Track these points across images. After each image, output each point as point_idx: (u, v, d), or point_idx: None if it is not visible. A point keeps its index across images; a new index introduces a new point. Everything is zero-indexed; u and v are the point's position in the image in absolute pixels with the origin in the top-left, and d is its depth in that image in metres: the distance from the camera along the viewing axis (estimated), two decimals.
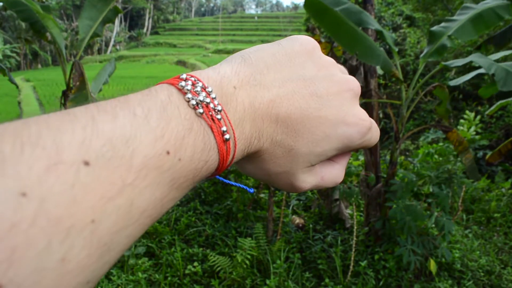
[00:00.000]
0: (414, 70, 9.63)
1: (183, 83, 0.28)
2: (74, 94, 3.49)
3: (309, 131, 0.32)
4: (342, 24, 2.83)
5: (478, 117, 5.88)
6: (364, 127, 0.35)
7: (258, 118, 0.31)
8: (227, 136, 0.28)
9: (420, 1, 10.24)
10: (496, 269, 3.35)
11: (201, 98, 0.28)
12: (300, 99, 0.32)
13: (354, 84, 0.35)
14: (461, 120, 6.02)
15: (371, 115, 3.47)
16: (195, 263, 3.22)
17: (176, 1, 75.00)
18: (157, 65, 34.15)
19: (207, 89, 0.29)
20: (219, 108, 0.28)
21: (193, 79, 0.29)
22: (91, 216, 0.20)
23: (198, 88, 0.28)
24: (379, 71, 3.52)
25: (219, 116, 0.28)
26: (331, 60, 0.36)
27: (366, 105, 3.46)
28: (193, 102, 0.27)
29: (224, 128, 0.28)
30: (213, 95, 0.29)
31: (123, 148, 0.23)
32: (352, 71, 3.82)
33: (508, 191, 4.81)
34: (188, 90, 0.28)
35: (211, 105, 0.28)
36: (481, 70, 3.09)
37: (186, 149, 0.26)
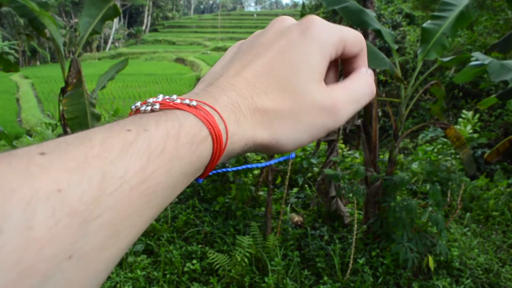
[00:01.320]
0: (413, 68, 9.62)
1: (132, 107, 0.30)
2: (70, 91, 3.48)
3: (283, 65, 0.33)
4: None
5: (477, 115, 5.88)
6: (318, 24, 0.35)
7: (227, 87, 0.32)
8: (193, 102, 0.29)
9: None
10: (494, 267, 3.36)
11: (152, 100, 0.30)
12: (252, 57, 0.34)
13: (283, 17, 0.37)
14: (460, 119, 6.02)
15: (370, 113, 3.47)
16: (194, 261, 3.22)
17: None
18: (156, 63, 34.10)
19: (157, 97, 0.30)
20: (174, 97, 0.30)
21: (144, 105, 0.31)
22: (56, 186, 0.20)
23: (149, 100, 0.30)
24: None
25: (178, 101, 0.29)
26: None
27: None
28: (148, 108, 0.29)
29: (186, 101, 0.29)
30: (166, 98, 0.30)
31: (78, 139, 0.24)
32: None
33: (506, 190, 4.82)
34: (139, 105, 0.30)
35: (166, 101, 0.29)
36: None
37: (149, 124, 0.26)
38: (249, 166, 0.35)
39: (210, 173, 0.32)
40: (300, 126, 0.34)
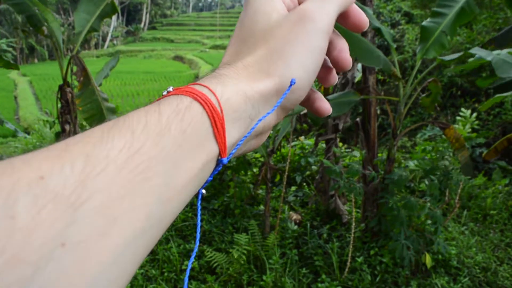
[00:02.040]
0: (412, 66, 9.62)
1: None
2: (80, 90, 3.46)
3: (244, 29, 0.36)
4: (336, 29, 2.81)
5: (475, 114, 5.87)
6: None
7: (209, 73, 0.33)
8: (170, 88, 0.30)
9: None
10: (492, 266, 3.37)
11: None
12: (226, 50, 0.36)
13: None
14: (457, 117, 6.01)
15: (368, 111, 3.47)
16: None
17: None
18: (154, 60, 34.03)
19: None
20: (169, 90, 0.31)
21: None
22: (37, 174, 0.20)
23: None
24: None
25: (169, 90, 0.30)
26: None
27: (363, 101, 3.46)
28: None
29: (164, 92, 0.30)
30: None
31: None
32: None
33: (504, 189, 4.83)
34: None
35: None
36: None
37: (129, 113, 0.27)
38: (260, 119, 0.33)
39: (234, 150, 0.30)
40: (288, 53, 0.33)
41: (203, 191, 0.31)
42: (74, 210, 0.20)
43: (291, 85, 0.33)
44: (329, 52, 0.38)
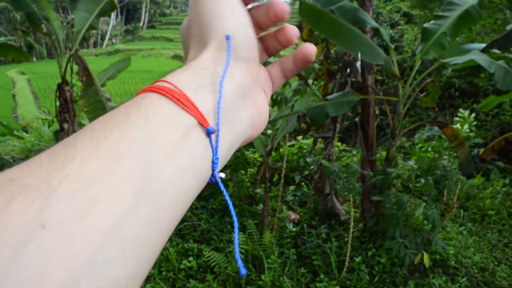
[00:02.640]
0: (411, 67, 9.62)
1: None
2: (84, 90, 3.45)
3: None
4: (340, 26, 2.82)
5: (473, 114, 5.88)
6: None
7: None
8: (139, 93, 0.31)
9: None
10: (490, 266, 3.37)
11: None
12: None
13: None
14: (456, 118, 6.02)
15: (367, 111, 3.47)
16: (190, 258, 3.22)
17: None
18: (153, 59, 33.98)
19: None
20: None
21: None
22: (9, 177, 0.21)
23: None
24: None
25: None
26: None
27: (362, 101, 3.46)
28: None
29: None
30: None
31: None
32: (347, 67, 3.81)
33: (502, 189, 4.83)
34: None
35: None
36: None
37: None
38: (222, 76, 0.35)
39: (218, 116, 0.30)
40: (209, 20, 0.35)
41: (222, 174, 0.30)
42: (46, 196, 0.21)
43: (228, 38, 0.34)
44: (264, 17, 0.38)
